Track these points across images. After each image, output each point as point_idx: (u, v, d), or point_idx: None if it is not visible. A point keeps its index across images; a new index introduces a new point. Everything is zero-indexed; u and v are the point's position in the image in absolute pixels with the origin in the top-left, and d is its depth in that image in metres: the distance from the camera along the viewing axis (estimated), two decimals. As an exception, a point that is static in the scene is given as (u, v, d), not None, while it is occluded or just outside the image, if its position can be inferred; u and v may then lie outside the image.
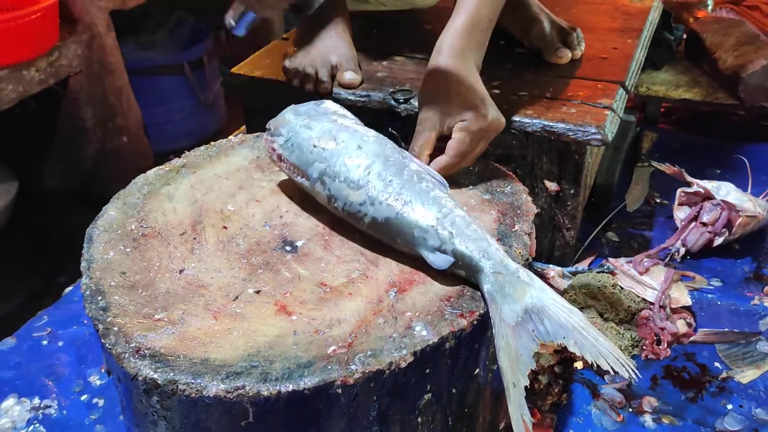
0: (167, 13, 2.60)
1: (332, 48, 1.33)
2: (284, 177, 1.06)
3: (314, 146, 0.95)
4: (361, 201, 0.90)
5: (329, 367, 0.75)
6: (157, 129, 2.38)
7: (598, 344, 0.79)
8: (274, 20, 2.51)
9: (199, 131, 2.56)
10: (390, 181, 0.90)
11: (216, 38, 2.69)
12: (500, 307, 0.81)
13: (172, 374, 0.74)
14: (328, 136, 0.95)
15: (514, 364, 0.79)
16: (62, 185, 2.02)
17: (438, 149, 1.05)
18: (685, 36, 2.02)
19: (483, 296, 0.84)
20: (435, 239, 0.86)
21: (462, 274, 0.87)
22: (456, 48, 1.06)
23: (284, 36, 1.53)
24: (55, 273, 1.62)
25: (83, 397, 1.12)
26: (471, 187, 1.05)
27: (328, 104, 1.03)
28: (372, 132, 0.98)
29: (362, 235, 0.94)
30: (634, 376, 0.79)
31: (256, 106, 1.43)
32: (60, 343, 1.22)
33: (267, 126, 1.01)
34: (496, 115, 1.05)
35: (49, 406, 1.10)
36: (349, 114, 1.03)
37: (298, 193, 1.02)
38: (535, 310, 0.81)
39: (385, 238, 0.91)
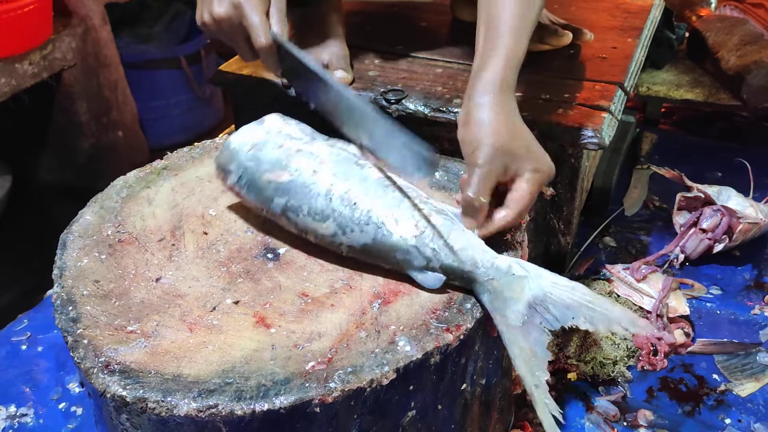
0: (164, 6, 2.57)
1: (323, 45, 1.29)
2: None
3: (269, 181, 0.90)
4: (332, 232, 0.86)
5: (307, 384, 0.72)
6: (154, 124, 2.35)
7: (608, 312, 0.80)
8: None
9: (196, 126, 2.53)
10: (355, 204, 0.86)
11: (213, 32, 2.65)
12: (503, 313, 0.80)
13: (141, 391, 0.71)
14: (279, 168, 0.90)
15: (532, 366, 0.79)
16: (56, 180, 1.99)
17: None
18: (687, 35, 1.98)
19: (482, 306, 0.82)
20: (420, 259, 0.84)
21: (457, 285, 0.84)
22: (505, 90, 0.93)
23: (275, 32, 1.49)
24: (48, 268, 1.59)
25: (61, 405, 1.09)
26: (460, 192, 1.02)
27: (270, 122, 0.97)
28: (322, 145, 0.93)
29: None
30: (652, 328, 0.85)
31: (245, 104, 1.40)
32: (39, 348, 1.19)
33: (215, 162, 0.96)
34: (551, 163, 0.93)
35: (26, 414, 1.07)
36: (293, 127, 0.97)
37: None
38: (537, 302, 0.80)
39: (369, 261, 0.88)
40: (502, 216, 0.90)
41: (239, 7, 0.98)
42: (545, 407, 0.78)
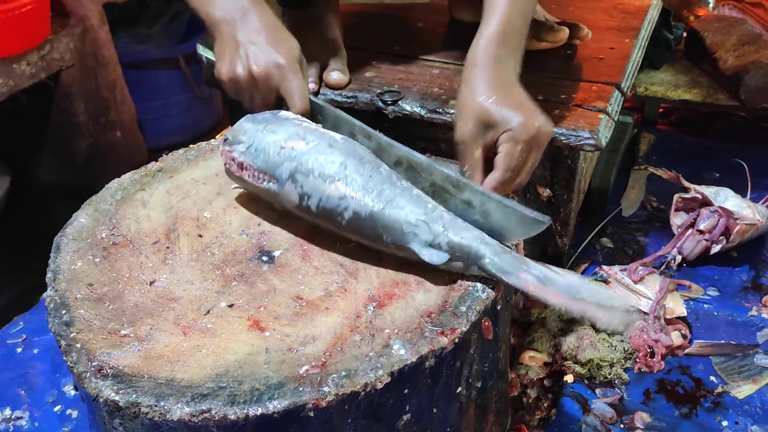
0: (163, 5, 2.56)
1: (320, 46, 1.29)
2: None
3: (282, 147, 0.90)
4: (341, 195, 0.85)
5: (301, 388, 0.71)
6: (152, 123, 2.34)
7: (597, 296, 0.82)
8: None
9: (195, 126, 2.53)
10: (370, 176, 0.86)
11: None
12: (515, 275, 0.82)
13: (134, 396, 0.70)
14: (296, 137, 0.90)
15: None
16: (55, 180, 1.99)
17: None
18: (685, 35, 1.98)
19: (491, 277, 0.83)
20: (427, 233, 0.83)
21: (458, 267, 0.84)
22: (491, 56, 0.98)
23: (272, 33, 1.49)
24: (46, 269, 1.59)
25: (56, 408, 1.09)
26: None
27: (286, 113, 0.98)
28: (339, 135, 0.94)
29: (343, 244, 0.91)
30: (637, 316, 0.88)
31: (241, 105, 1.39)
32: (35, 351, 1.18)
33: (224, 137, 0.96)
34: (543, 121, 0.95)
35: (21, 418, 1.07)
36: (311, 121, 0.98)
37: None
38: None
39: (366, 237, 0.87)
40: (490, 178, 0.94)
41: (282, 68, 0.98)
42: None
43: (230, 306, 0.83)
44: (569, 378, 1.14)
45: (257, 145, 0.92)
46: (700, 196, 1.40)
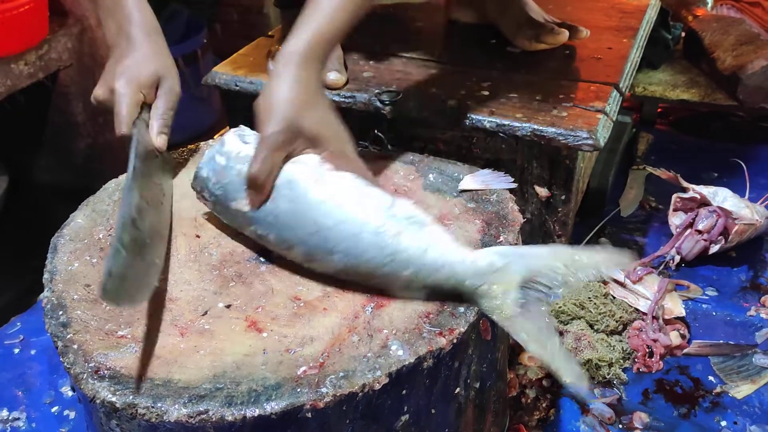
0: (160, 6, 2.56)
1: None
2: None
3: (237, 210, 0.88)
4: (302, 259, 0.86)
5: (298, 389, 0.71)
6: (151, 123, 2.34)
7: (591, 260, 0.81)
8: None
9: (194, 126, 2.52)
10: (317, 232, 0.83)
11: (211, 32, 2.65)
12: (500, 309, 0.80)
13: (131, 397, 0.70)
14: (241, 197, 0.88)
15: (543, 343, 0.78)
16: (53, 180, 1.98)
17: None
18: (683, 34, 1.98)
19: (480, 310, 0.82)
20: (399, 282, 0.83)
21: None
22: (307, 63, 0.92)
23: (269, 33, 1.49)
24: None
25: (54, 409, 1.09)
26: (455, 194, 1.01)
27: (229, 144, 0.91)
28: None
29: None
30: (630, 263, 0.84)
31: (240, 105, 1.39)
32: (32, 352, 1.18)
33: (192, 188, 0.94)
34: (344, 141, 0.92)
35: (18, 419, 1.07)
36: (250, 146, 0.90)
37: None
38: (527, 280, 0.80)
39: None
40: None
41: (114, 93, 0.99)
42: (568, 364, 0.78)
43: (228, 307, 0.82)
44: (568, 378, 1.14)
45: (220, 206, 0.91)
46: (699, 196, 1.39)
